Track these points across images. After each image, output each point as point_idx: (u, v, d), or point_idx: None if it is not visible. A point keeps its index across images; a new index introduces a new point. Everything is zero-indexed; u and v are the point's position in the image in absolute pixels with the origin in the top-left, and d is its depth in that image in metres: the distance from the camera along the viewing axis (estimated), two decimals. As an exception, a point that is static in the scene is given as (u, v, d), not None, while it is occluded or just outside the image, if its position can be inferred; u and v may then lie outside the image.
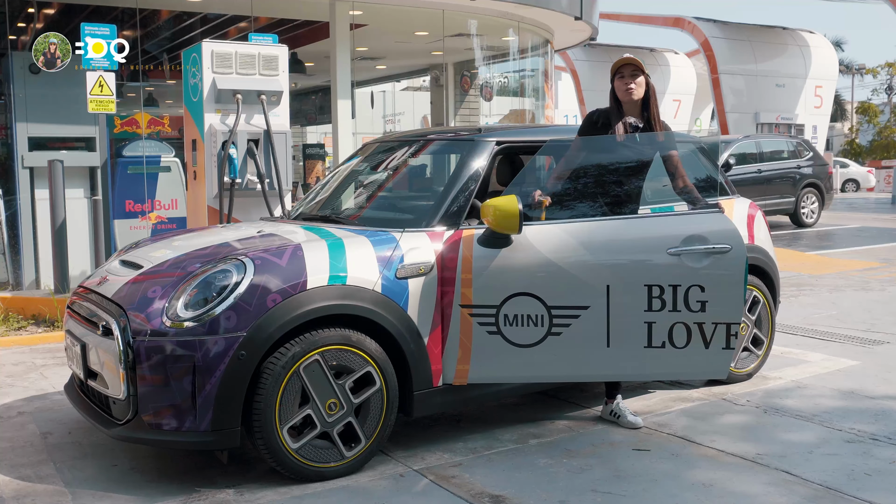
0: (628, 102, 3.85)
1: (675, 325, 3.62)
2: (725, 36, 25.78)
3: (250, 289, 3.24)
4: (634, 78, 3.82)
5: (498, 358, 3.63)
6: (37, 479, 3.45)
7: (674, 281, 3.61)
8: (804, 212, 14.62)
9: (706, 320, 3.63)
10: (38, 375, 5.17)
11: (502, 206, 3.53)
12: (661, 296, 3.61)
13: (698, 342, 3.65)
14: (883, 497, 3.17)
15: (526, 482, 3.35)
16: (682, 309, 3.61)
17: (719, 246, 3.66)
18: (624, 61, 3.81)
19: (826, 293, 7.68)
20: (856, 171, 29.89)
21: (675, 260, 3.63)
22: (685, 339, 3.64)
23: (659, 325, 3.62)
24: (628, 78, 3.82)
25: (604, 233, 3.72)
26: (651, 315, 3.61)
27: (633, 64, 3.80)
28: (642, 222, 3.82)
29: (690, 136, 5.05)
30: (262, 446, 3.26)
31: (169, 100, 12.54)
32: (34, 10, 9.98)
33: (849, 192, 28.58)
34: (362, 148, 5.02)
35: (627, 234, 3.73)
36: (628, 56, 3.81)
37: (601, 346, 3.63)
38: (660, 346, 3.64)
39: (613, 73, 3.86)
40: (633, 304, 3.61)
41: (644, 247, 3.68)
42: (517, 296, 3.58)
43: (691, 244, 3.66)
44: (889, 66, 43.09)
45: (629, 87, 3.80)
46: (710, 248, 3.65)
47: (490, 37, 13.00)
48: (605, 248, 3.68)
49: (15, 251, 7.87)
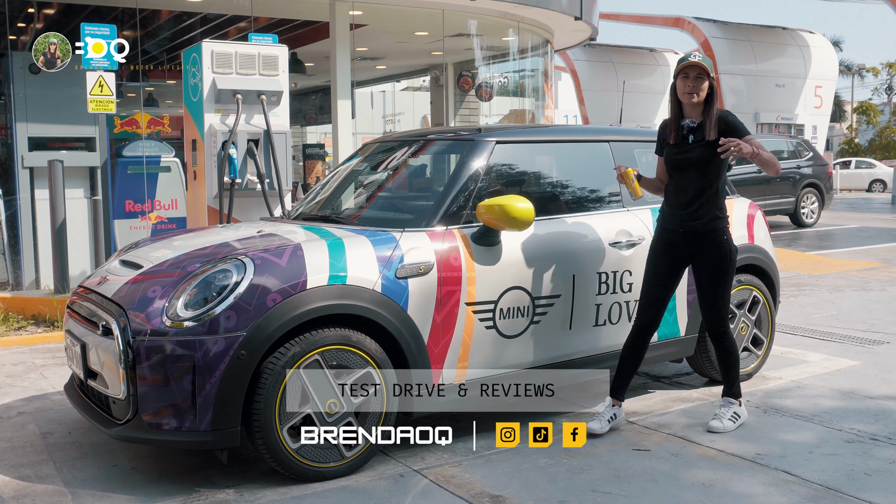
0: (689, 105, 3.83)
1: (613, 304, 4.19)
2: (725, 36, 25.79)
3: (250, 288, 3.24)
4: (699, 82, 3.77)
5: (491, 351, 3.78)
6: (37, 479, 3.45)
7: (614, 268, 4.19)
8: (804, 212, 14.62)
9: (631, 299, 4.24)
10: (38, 375, 5.18)
11: (510, 206, 3.63)
12: (606, 281, 4.17)
13: (625, 317, 4.22)
14: (883, 497, 3.17)
15: (526, 482, 3.35)
16: (618, 290, 4.20)
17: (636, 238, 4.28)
18: (689, 63, 3.77)
19: (826, 293, 7.68)
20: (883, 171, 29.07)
21: (614, 250, 4.19)
22: (618, 315, 4.21)
23: (603, 306, 4.17)
24: (693, 80, 3.77)
25: (570, 227, 4.13)
26: (599, 298, 4.15)
27: (699, 67, 3.77)
28: (596, 217, 4.27)
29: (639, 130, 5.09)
30: (262, 446, 3.26)
31: (169, 100, 12.54)
32: (34, 10, 9.98)
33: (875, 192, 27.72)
34: (362, 148, 5.02)
35: (586, 228, 4.17)
36: (695, 60, 3.76)
37: (566, 329, 4.04)
38: (602, 323, 4.17)
39: (677, 72, 3.83)
40: (589, 290, 4.10)
41: (596, 239, 4.17)
42: (511, 290, 3.82)
43: (621, 237, 4.23)
44: (889, 66, 43.11)
45: (692, 89, 3.77)
46: (633, 240, 4.26)
47: (490, 37, 13.00)
48: (572, 241, 4.09)
49: (15, 251, 7.87)
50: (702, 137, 3.79)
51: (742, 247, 4.70)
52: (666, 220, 3.95)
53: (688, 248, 3.90)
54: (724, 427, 3.90)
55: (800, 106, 26.65)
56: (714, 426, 3.91)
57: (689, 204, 3.84)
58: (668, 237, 3.93)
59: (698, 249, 3.88)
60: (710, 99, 3.81)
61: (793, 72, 26.48)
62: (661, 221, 4.00)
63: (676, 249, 3.93)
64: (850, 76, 49.09)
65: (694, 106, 3.82)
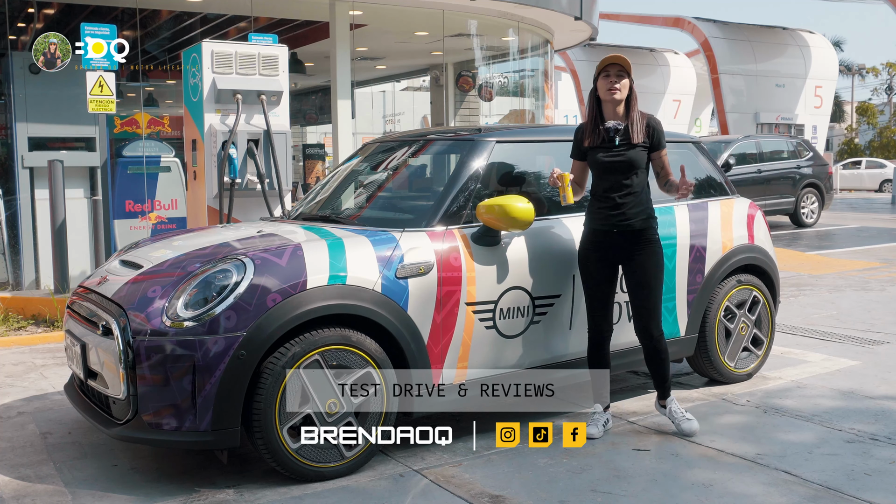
0: (610, 102, 3.80)
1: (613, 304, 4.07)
2: (725, 36, 25.77)
3: (250, 288, 3.24)
4: (620, 79, 3.76)
5: (491, 351, 3.78)
6: (37, 479, 3.45)
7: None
8: (804, 212, 14.62)
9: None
10: (38, 375, 5.18)
11: (510, 206, 3.64)
12: None
13: (625, 317, 4.17)
14: (883, 497, 3.17)
15: (526, 482, 3.36)
16: (618, 290, 4.04)
17: None
18: (611, 60, 3.75)
19: (826, 293, 7.68)
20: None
21: None
22: (618, 315, 4.15)
23: None
24: (614, 77, 3.75)
25: (570, 227, 4.09)
26: None
27: (619, 64, 3.76)
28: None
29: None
30: (262, 446, 3.26)
31: (169, 100, 12.54)
32: (34, 10, 9.98)
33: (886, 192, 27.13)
34: (362, 148, 5.02)
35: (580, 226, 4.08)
36: (616, 55, 3.76)
37: (566, 329, 4.04)
38: None
39: (598, 71, 3.81)
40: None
41: None
42: (511, 290, 3.81)
43: None
44: (889, 66, 43.10)
45: (613, 87, 3.76)
46: None
47: (490, 37, 13.00)
48: (572, 241, 4.05)
49: (15, 251, 7.87)
50: (627, 139, 3.78)
51: (742, 247, 4.70)
52: (597, 223, 3.85)
53: (621, 248, 3.82)
54: (695, 425, 3.85)
55: (800, 106, 26.62)
56: (691, 428, 3.84)
57: (621, 205, 3.78)
58: (599, 239, 3.84)
59: (631, 250, 3.81)
60: (631, 98, 3.80)
61: (793, 72, 26.46)
62: (590, 224, 3.89)
63: (609, 251, 3.83)
64: (850, 76, 49.10)
65: (616, 105, 3.79)
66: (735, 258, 4.65)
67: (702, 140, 8.38)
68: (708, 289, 4.52)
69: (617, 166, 3.78)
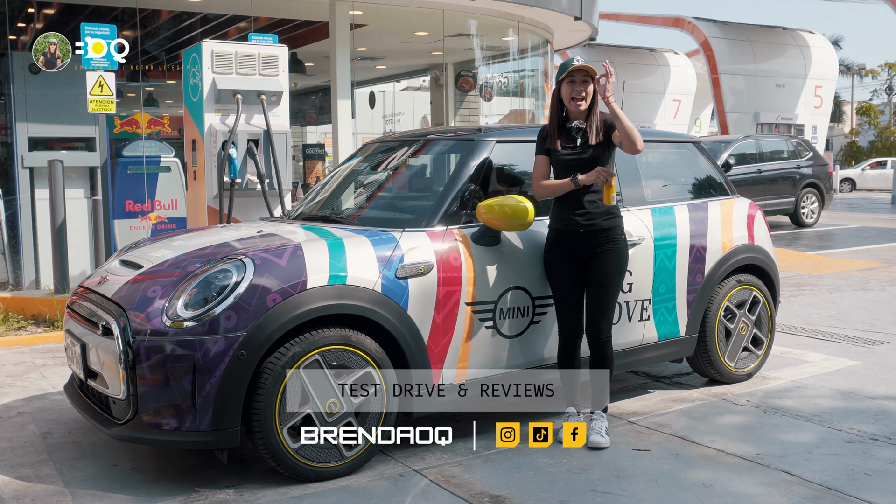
0: (575, 110, 3.80)
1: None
2: (725, 36, 25.77)
3: (250, 288, 3.24)
4: (585, 86, 3.76)
5: (491, 351, 3.78)
6: (37, 479, 3.45)
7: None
8: (804, 212, 14.62)
9: (631, 299, 4.24)
10: (38, 375, 5.18)
11: (510, 206, 3.63)
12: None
13: (625, 317, 4.23)
14: (883, 497, 3.17)
15: (526, 482, 3.35)
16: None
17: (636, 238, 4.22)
18: (576, 67, 3.75)
19: (826, 293, 7.68)
20: None
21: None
22: (618, 315, 4.16)
23: None
24: (579, 85, 3.76)
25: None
26: None
27: (584, 70, 3.76)
28: None
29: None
30: (262, 446, 3.26)
31: (169, 100, 12.55)
32: (34, 10, 9.98)
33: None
34: (362, 148, 5.02)
35: None
36: (582, 64, 3.76)
37: None
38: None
39: (563, 77, 3.81)
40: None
41: None
42: (511, 290, 3.83)
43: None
44: (889, 66, 43.08)
45: (578, 94, 3.76)
46: (633, 240, 4.16)
47: (490, 37, 13.00)
48: None
49: (15, 251, 7.87)
50: (586, 139, 3.79)
51: (742, 247, 4.70)
52: (562, 223, 3.82)
53: (586, 247, 3.79)
54: (606, 441, 3.75)
55: (800, 106, 26.61)
56: (597, 441, 3.74)
57: (586, 204, 3.78)
58: (565, 240, 3.82)
59: (596, 249, 3.79)
60: (593, 102, 3.80)
61: (793, 72, 26.46)
62: (554, 225, 3.87)
63: (576, 251, 3.80)
64: (849, 76, 49.08)
65: (580, 110, 3.80)
66: (735, 258, 4.65)
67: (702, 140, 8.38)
68: (708, 289, 4.52)
69: (580, 164, 3.77)
